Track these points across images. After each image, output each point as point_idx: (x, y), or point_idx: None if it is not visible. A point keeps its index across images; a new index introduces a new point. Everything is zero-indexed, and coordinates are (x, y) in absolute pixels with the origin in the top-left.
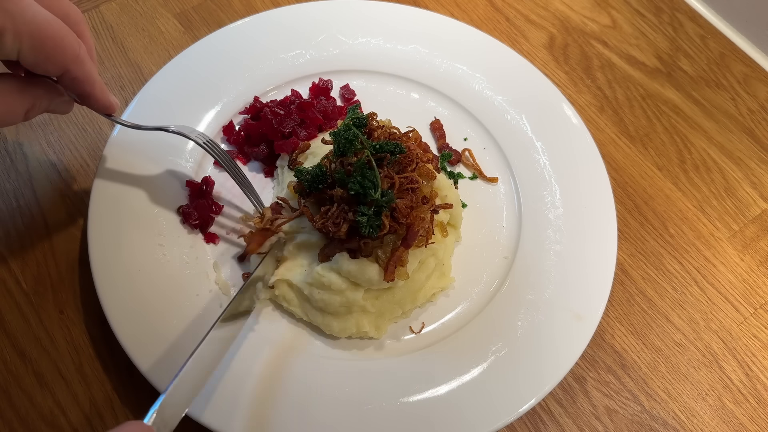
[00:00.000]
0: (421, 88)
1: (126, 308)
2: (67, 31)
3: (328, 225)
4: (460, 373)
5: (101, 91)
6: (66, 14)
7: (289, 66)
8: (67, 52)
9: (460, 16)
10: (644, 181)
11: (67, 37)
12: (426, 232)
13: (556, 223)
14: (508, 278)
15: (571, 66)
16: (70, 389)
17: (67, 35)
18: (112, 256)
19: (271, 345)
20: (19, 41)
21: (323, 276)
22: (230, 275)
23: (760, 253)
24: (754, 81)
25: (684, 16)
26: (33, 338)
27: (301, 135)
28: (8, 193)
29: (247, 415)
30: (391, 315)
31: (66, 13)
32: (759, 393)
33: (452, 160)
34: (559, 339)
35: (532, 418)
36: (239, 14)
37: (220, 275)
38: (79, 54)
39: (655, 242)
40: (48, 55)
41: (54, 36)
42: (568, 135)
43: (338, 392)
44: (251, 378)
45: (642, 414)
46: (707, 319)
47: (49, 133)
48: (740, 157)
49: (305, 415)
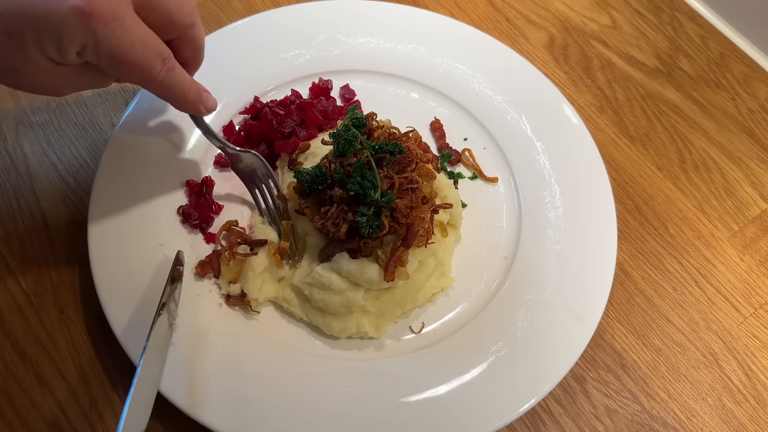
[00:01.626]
0: (421, 88)
1: (126, 308)
2: (147, 55)
3: (327, 225)
4: (460, 373)
5: (184, 102)
6: (171, 21)
7: (289, 66)
8: (143, 73)
9: (460, 16)
10: (644, 181)
11: (146, 61)
12: (426, 232)
13: (556, 223)
14: (508, 278)
15: (571, 66)
16: (70, 389)
17: (145, 59)
18: (112, 256)
19: (271, 345)
20: (98, 58)
21: (323, 276)
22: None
23: (760, 253)
24: (754, 81)
25: (684, 16)
26: (33, 338)
27: (301, 135)
28: (8, 193)
29: (247, 415)
30: (391, 315)
31: (171, 21)
32: (759, 393)
33: (452, 160)
34: (559, 339)
35: (532, 418)
36: (239, 14)
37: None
38: (154, 75)
39: (655, 242)
40: (123, 74)
41: (131, 61)
42: (568, 135)
43: (338, 392)
44: (251, 378)
45: (642, 414)
46: (707, 319)
47: (49, 133)
48: (740, 157)
49: (305, 415)
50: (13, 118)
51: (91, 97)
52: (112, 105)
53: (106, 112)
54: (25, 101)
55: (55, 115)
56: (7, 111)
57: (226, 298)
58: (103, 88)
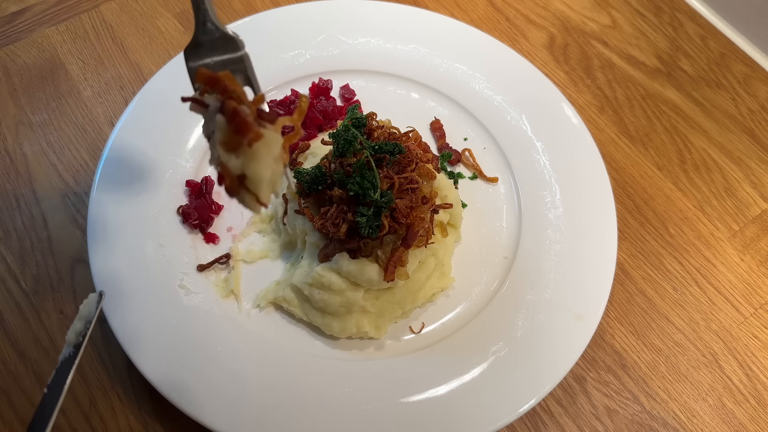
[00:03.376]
0: (421, 88)
1: (125, 308)
2: None
3: (327, 225)
4: (460, 373)
5: None
6: None
7: (289, 66)
8: None
9: (460, 16)
10: (644, 181)
11: None
12: (426, 232)
13: (556, 223)
14: (508, 278)
15: (571, 66)
16: (69, 389)
17: None
18: (111, 256)
19: (271, 345)
20: None
21: (323, 276)
22: (230, 275)
23: (761, 253)
24: (754, 81)
25: (684, 16)
26: (33, 338)
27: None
28: (8, 193)
29: (247, 415)
30: (391, 315)
31: None
32: (759, 393)
33: (452, 160)
34: (559, 339)
35: (533, 418)
36: (239, 14)
37: (219, 275)
38: None
39: (655, 242)
40: None
41: None
42: (568, 135)
43: (338, 392)
44: (251, 378)
45: (642, 414)
46: (707, 319)
47: (49, 133)
48: (740, 157)
49: (305, 415)
50: (13, 118)
51: (91, 97)
52: (112, 105)
53: (106, 112)
54: (25, 101)
55: (54, 115)
56: (7, 111)
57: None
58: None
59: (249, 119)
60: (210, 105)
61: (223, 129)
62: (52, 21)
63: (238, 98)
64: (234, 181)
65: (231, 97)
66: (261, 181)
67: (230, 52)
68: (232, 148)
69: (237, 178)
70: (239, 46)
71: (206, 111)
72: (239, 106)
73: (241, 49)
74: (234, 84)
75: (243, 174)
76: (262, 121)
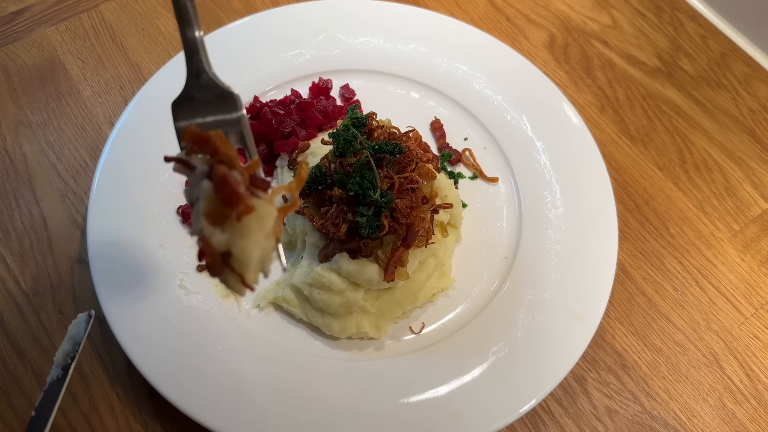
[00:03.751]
0: (421, 87)
1: (126, 308)
2: None
3: (327, 225)
4: (461, 373)
5: None
6: None
7: (289, 66)
8: None
9: (460, 15)
10: (645, 180)
11: None
12: (426, 232)
13: (557, 223)
14: (508, 278)
15: (572, 65)
16: (69, 389)
17: None
18: (111, 256)
19: (271, 345)
20: None
21: (323, 276)
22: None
23: (761, 254)
24: (754, 81)
25: (684, 16)
26: (33, 338)
27: (300, 135)
28: (8, 193)
29: (247, 415)
30: (391, 315)
31: None
32: (760, 393)
33: (452, 160)
34: (560, 339)
35: (533, 418)
36: (239, 14)
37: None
38: None
39: (656, 242)
40: None
41: None
42: (568, 135)
43: (338, 392)
44: (251, 378)
45: (642, 414)
46: (708, 319)
47: (49, 133)
48: (741, 157)
49: (305, 415)
50: (12, 118)
51: (90, 97)
52: (112, 105)
53: (105, 112)
54: (25, 101)
55: (54, 115)
56: (6, 111)
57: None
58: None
59: (240, 189)
60: (197, 168)
61: (209, 198)
62: (52, 21)
63: (229, 162)
64: (217, 260)
65: (221, 160)
66: (248, 262)
67: (226, 111)
68: (217, 220)
69: (221, 256)
70: (237, 106)
71: (192, 173)
72: (230, 172)
73: (239, 109)
74: (226, 146)
75: (228, 251)
76: (255, 189)
